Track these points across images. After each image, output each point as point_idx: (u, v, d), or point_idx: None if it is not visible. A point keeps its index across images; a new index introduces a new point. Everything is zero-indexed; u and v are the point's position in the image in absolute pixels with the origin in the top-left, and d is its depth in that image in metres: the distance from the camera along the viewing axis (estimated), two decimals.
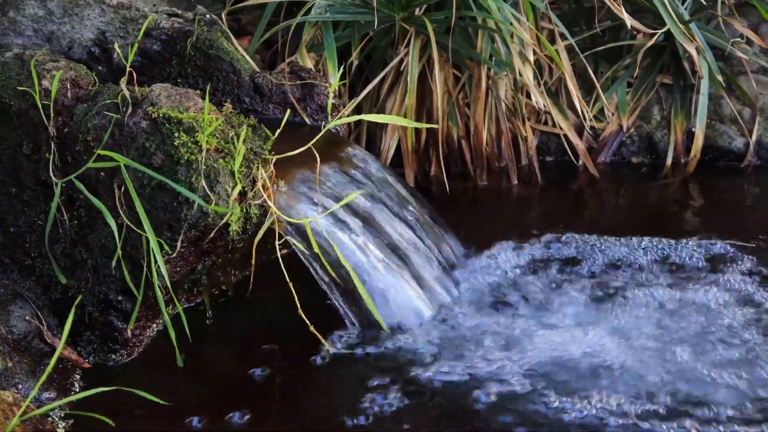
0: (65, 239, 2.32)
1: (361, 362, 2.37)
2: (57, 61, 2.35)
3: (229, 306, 2.56)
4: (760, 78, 3.43)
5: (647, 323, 2.46)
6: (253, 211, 2.29)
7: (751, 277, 2.65)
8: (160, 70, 2.77)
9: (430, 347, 2.41)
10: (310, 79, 2.78)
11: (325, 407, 2.25)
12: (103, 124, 2.23)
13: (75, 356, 2.32)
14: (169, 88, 2.27)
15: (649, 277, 2.67)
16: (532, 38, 3.13)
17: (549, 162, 3.40)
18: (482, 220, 3.08)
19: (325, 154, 2.57)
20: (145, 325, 2.38)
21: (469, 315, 2.52)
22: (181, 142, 2.18)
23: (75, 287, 2.33)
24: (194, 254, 2.29)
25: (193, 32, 2.74)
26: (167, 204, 2.20)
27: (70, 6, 2.77)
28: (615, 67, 3.40)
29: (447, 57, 3.14)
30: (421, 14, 3.11)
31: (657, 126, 3.43)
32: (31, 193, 2.35)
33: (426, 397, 2.25)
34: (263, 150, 2.30)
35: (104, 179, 2.24)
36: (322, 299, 2.46)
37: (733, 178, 3.33)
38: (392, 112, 3.16)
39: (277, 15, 3.24)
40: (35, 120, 2.30)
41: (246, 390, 2.29)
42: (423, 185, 3.21)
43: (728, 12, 3.42)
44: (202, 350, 2.41)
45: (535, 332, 2.43)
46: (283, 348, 2.42)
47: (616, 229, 2.90)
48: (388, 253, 2.52)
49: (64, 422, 2.15)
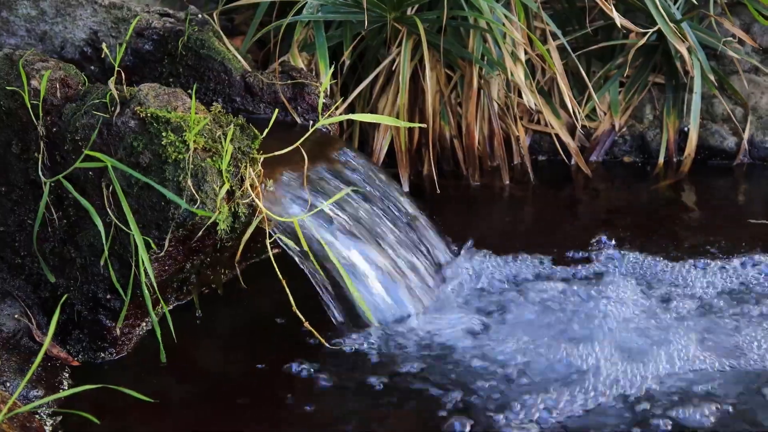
0: (54, 238, 2.34)
1: (349, 360, 2.38)
2: (46, 61, 2.36)
3: (219, 304, 2.57)
4: (752, 77, 3.44)
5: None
6: (242, 210, 2.30)
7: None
8: (152, 69, 2.78)
9: (417, 345, 2.42)
10: (301, 79, 2.79)
11: (314, 405, 2.26)
12: (91, 124, 2.24)
13: (64, 354, 2.34)
14: (157, 88, 2.28)
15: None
16: (523, 38, 3.13)
17: (541, 161, 3.41)
18: (473, 220, 3.08)
19: (315, 153, 2.58)
20: (134, 323, 2.39)
21: (456, 313, 2.53)
22: (169, 142, 2.19)
23: (64, 286, 2.35)
24: (183, 253, 2.30)
25: (184, 32, 2.75)
26: (155, 203, 2.21)
27: (62, 6, 2.78)
28: (607, 67, 3.41)
29: (438, 57, 3.14)
30: (413, 14, 3.12)
31: (649, 125, 3.43)
32: (20, 192, 2.36)
33: (413, 395, 2.27)
34: (251, 149, 2.32)
35: (92, 178, 2.25)
36: (312, 297, 2.46)
37: (728, 176, 3.34)
38: (384, 112, 3.17)
39: (270, 15, 3.25)
40: (24, 119, 2.31)
41: (235, 388, 2.30)
42: (416, 184, 3.21)
43: (721, 11, 3.43)
44: (191, 348, 2.42)
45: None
46: (272, 346, 2.43)
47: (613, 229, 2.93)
48: (377, 252, 2.54)
49: (51, 419, 2.16)
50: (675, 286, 2.64)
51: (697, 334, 2.42)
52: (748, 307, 2.55)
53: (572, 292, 2.61)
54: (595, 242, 2.84)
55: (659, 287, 2.63)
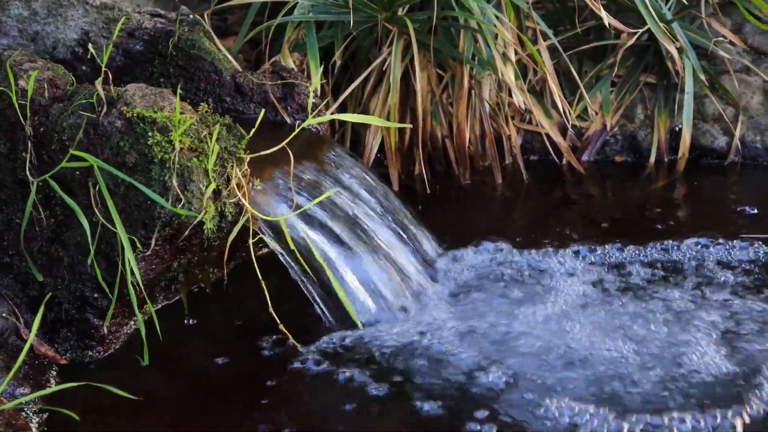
0: (42, 237, 2.35)
1: (336, 359, 2.38)
2: (34, 62, 2.38)
3: (207, 303, 2.58)
4: (744, 77, 3.44)
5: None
6: (229, 210, 2.31)
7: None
8: (143, 69, 2.80)
9: (404, 343, 2.43)
10: (291, 79, 2.81)
11: (300, 404, 2.27)
12: (78, 124, 2.26)
13: (51, 353, 2.35)
14: (144, 88, 2.29)
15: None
16: (513, 38, 3.14)
17: (533, 161, 3.42)
18: (464, 220, 3.09)
19: (305, 153, 2.60)
20: (122, 322, 2.40)
21: (445, 312, 2.54)
22: (155, 141, 2.21)
23: (52, 285, 2.36)
24: (169, 252, 2.32)
25: (175, 32, 2.77)
26: (141, 202, 2.22)
27: (54, 6, 2.80)
28: (599, 67, 3.42)
29: (429, 57, 3.15)
30: (404, 14, 3.13)
31: (640, 125, 3.44)
32: (8, 192, 2.38)
33: (402, 393, 2.28)
34: (238, 149, 2.33)
35: (79, 178, 2.26)
36: (301, 296, 2.48)
37: (720, 175, 3.35)
38: (376, 112, 3.18)
39: (263, 15, 3.26)
40: (12, 119, 2.33)
41: (221, 387, 2.32)
42: (407, 184, 3.23)
43: (712, 11, 3.44)
44: (179, 347, 2.43)
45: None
46: (260, 345, 2.44)
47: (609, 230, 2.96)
48: (365, 251, 2.55)
49: (37, 417, 2.17)
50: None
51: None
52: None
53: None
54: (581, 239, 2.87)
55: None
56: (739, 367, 2.30)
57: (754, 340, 2.40)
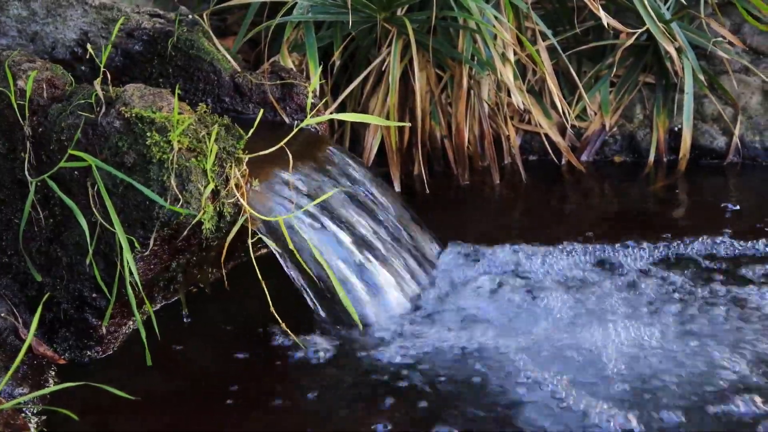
0: (41, 237, 2.35)
1: (336, 359, 2.39)
2: (33, 62, 2.38)
3: (206, 303, 2.58)
4: (743, 77, 3.44)
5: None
6: (227, 210, 2.31)
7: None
8: (142, 70, 2.80)
9: (403, 344, 2.43)
10: (290, 79, 2.81)
11: (300, 403, 2.27)
12: (76, 124, 2.26)
13: (50, 353, 2.35)
14: (142, 88, 2.30)
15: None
16: (512, 38, 3.15)
17: (532, 161, 3.42)
18: (462, 220, 3.09)
19: (304, 153, 2.60)
20: (120, 322, 2.40)
21: (443, 312, 2.55)
22: (154, 142, 2.21)
23: (50, 285, 2.36)
24: (168, 252, 2.32)
25: (174, 32, 2.77)
26: (140, 202, 2.22)
27: (53, 7, 2.80)
28: (598, 67, 3.42)
29: (428, 57, 3.16)
30: (402, 14, 3.14)
31: (639, 125, 3.44)
32: (7, 192, 2.38)
33: (402, 393, 2.28)
34: (236, 149, 2.33)
35: (78, 178, 2.27)
36: (300, 296, 2.48)
37: (720, 175, 3.35)
38: (375, 112, 3.18)
39: (262, 15, 3.26)
40: (11, 120, 2.33)
41: (220, 386, 2.32)
42: (407, 184, 3.23)
43: (711, 12, 3.44)
44: (178, 347, 2.43)
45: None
46: (259, 345, 2.44)
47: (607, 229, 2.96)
48: (363, 251, 2.55)
49: (36, 417, 2.18)
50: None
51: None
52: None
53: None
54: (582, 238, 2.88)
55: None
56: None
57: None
